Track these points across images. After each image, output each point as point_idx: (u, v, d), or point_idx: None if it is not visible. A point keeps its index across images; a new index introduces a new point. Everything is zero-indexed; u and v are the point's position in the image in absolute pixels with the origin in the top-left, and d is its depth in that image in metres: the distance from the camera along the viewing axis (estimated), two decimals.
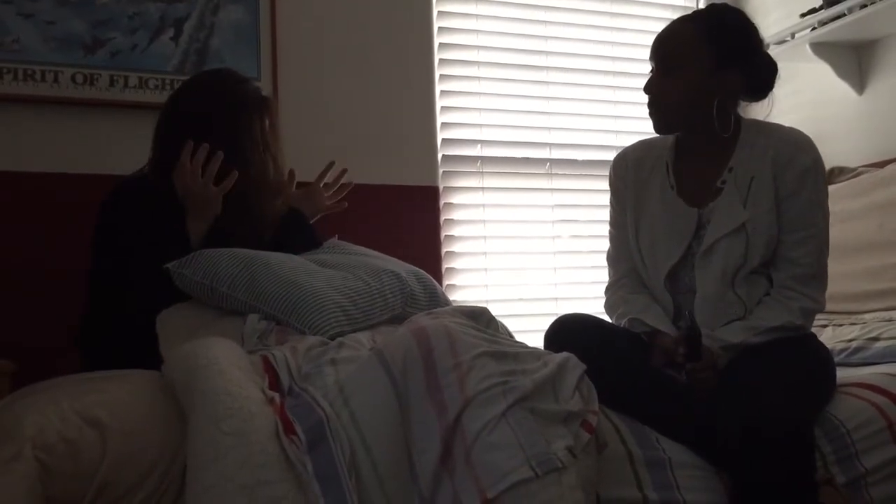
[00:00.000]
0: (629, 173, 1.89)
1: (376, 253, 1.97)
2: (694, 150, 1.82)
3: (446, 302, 1.88)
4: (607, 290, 1.93)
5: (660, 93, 1.76)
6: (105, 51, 2.33)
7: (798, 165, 1.70)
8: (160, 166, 1.82)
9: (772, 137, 1.74)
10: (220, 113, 1.82)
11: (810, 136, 1.77)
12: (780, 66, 2.79)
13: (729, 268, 1.70)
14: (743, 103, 1.86)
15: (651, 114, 1.79)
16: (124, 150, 1.93)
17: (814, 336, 1.78)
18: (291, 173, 2.07)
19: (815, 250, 1.70)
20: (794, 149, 1.72)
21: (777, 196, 1.71)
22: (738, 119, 1.79)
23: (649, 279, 1.83)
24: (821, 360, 1.70)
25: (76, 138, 2.28)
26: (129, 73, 2.34)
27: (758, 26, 1.81)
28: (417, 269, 1.90)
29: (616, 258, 1.93)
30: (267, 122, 1.88)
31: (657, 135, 1.88)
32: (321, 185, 2.22)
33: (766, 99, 1.83)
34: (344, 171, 2.24)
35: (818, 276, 1.72)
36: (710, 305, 1.72)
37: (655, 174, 1.85)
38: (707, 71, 1.72)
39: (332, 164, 2.24)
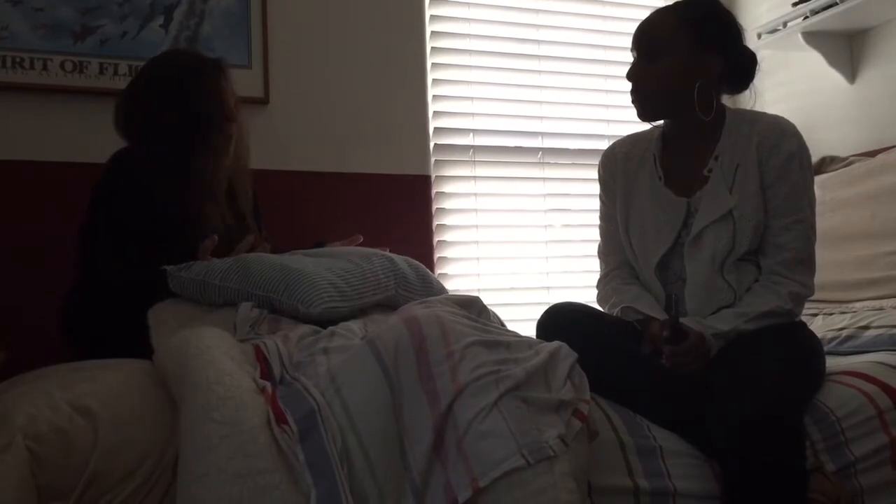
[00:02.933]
0: (617, 167, 1.91)
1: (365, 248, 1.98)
2: (680, 140, 1.84)
3: (439, 286, 1.90)
4: (599, 284, 1.95)
5: (643, 80, 1.79)
6: (94, 38, 2.31)
7: (783, 151, 1.72)
8: (145, 143, 1.83)
9: (756, 124, 1.76)
10: (188, 82, 1.87)
11: (802, 125, 1.78)
12: (771, 55, 2.81)
13: (718, 254, 1.71)
14: (728, 97, 1.87)
15: (634, 101, 1.82)
16: (114, 138, 1.91)
17: (804, 325, 1.79)
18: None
19: (802, 235, 1.72)
20: (779, 135, 1.73)
21: (763, 182, 1.72)
22: (723, 108, 1.81)
23: (640, 270, 1.84)
24: (810, 349, 1.70)
25: (65, 126, 2.27)
26: (119, 60, 2.33)
27: (749, 15, 1.83)
28: (409, 257, 1.90)
29: (607, 251, 1.94)
30: (231, 86, 1.94)
31: (644, 127, 1.91)
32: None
33: (750, 92, 1.85)
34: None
35: (806, 261, 1.73)
36: (700, 292, 1.73)
37: (643, 166, 1.87)
38: (688, 56, 1.75)
39: (358, 238, 2.09)
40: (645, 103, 1.80)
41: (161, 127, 1.84)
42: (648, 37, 1.79)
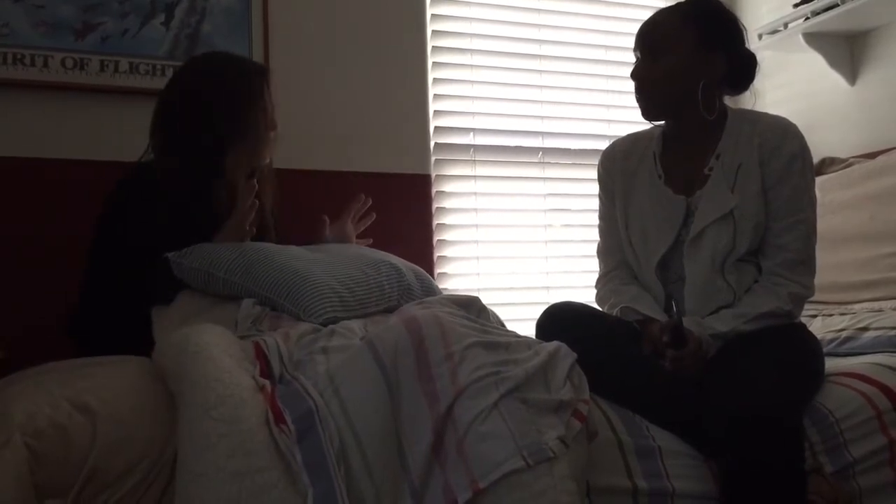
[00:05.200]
0: (616, 166, 1.91)
1: (375, 250, 1.97)
2: (681, 139, 1.84)
3: None
4: (598, 283, 1.95)
5: (647, 77, 1.79)
6: (95, 35, 2.31)
7: (785, 152, 1.72)
8: (168, 147, 1.83)
9: (758, 124, 1.76)
10: (223, 88, 1.86)
11: (802, 126, 1.78)
12: (772, 55, 2.80)
13: (718, 254, 1.71)
14: (729, 98, 1.88)
15: (638, 99, 1.82)
16: (115, 135, 1.91)
17: (803, 326, 1.79)
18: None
19: (803, 236, 1.72)
20: (781, 136, 1.73)
21: (764, 183, 1.73)
22: (725, 108, 1.81)
23: (640, 269, 1.84)
24: (810, 350, 1.71)
25: (66, 124, 2.26)
26: (120, 58, 2.32)
27: (750, 16, 1.84)
28: (416, 265, 1.90)
29: (606, 251, 1.94)
30: (271, 91, 1.94)
31: (645, 126, 1.92)
32: (350, 221, 2.17)
33: (750, 93, 1.86)
34: (367, 201, 2.19)
35: (806, 262, 1.73)
36: (699, 292, 1.73)
37: (643, 165, 1.87)
38: (692, 54, 1.75)
39: (361, 197, 2.18)
40: (649, 101, 1.80)
41: (199, 135, 1.83)
42: (651, 36, 1.80)
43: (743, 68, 1.81)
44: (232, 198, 1.84)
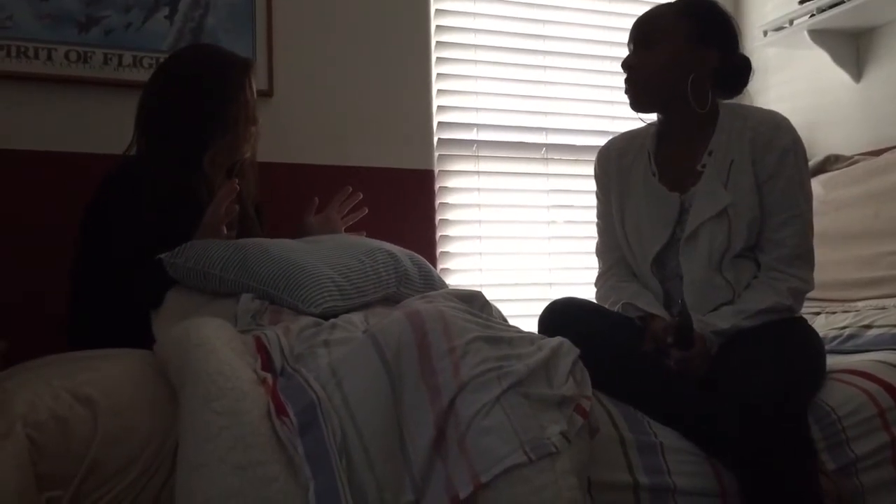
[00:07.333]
0: (612, 164, 1.92)
1: (369, 239, 1.97)
2: (674, 135, 1.84)
3: (441, 283, 1.89)
4: (597, 282, 1.95)
5: (637, 67, 1.81)
6: (99, 29, 2.30)
7: (777, 147, 1.72)
8: (160, 139, 1.83)
9: (750, 119, 1.76)
10: (210, 75, 1.87)
11: (806, 123, 1.78)
12: (777, 52, 2.79)
13: (714, 252, 1.71)
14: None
15: (628, 90, 1.84)
16: (117, 128, 1.90)
17: (804, 320, 1.79)
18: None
19: (799, 230, 1.72)
20: (773, 130, 1.73)
21: (758, 178, 1.73)
22: (716, 103, 1.81)
23: (637, 266, 1.84)
24: (811, 346, 1.70)
25: (69, 117, 2.26)
26: (124, 51, 2.32)
27: (755, 13, 1.84)
28: (412, 252, 1.90)
29: (604, 249, 1.95)
30: (254, 86, 1.94)
31: (639, 123, 1.93)
32: (335, 211, 2.20)
33: (744, 96, 1.87)
34: (355, 194, 2.22)
35: (804, 256, 1.73)
36: (697, 290, 1.73)
37: (638, 163, 1.87)
38: (684, 46, 1.76)
39: (347, 189, 2.22)
40: (638, 91, 1.81)
41: (180, 127, 1.83)
42: (644, 28, 1.82)
43: (736, 69, 1.81)
44: (211, 193, 1.84)
